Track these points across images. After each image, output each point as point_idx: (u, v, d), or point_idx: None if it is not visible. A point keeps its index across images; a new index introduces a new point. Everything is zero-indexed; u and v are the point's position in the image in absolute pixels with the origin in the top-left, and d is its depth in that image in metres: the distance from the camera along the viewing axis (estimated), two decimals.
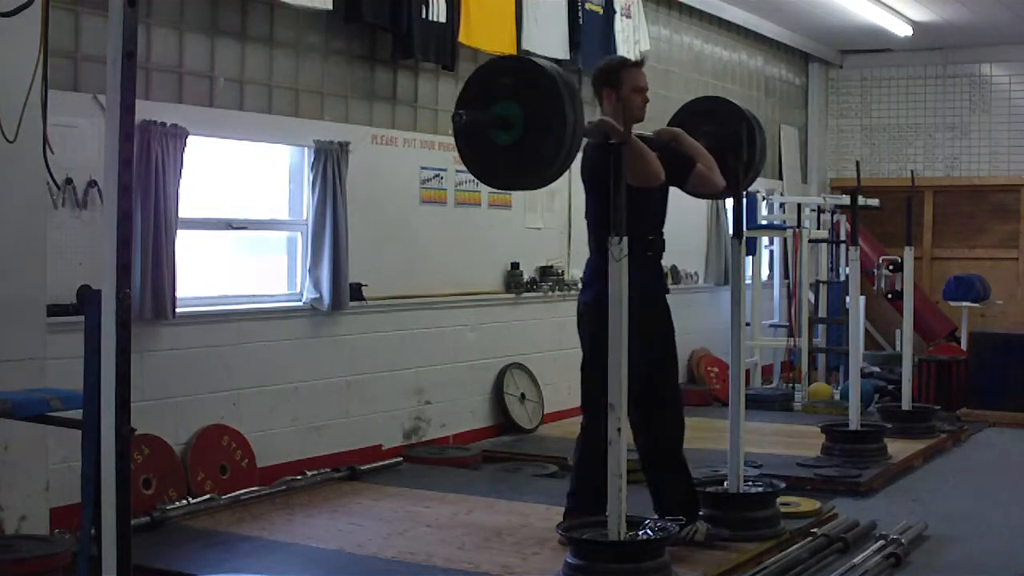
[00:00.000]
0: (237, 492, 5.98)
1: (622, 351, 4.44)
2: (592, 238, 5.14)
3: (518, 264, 8.47)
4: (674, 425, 5.25)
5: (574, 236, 9.03)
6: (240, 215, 6.61)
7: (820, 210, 11.06)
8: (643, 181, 4.87)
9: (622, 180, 4.47)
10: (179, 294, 5.88)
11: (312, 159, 6.73)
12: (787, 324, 10.72)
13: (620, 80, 5.08)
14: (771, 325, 11.32)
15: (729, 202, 9.54)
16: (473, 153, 4.62)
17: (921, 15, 11.30)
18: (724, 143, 5.25)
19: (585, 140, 4.82)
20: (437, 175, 7.75)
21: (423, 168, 7.65)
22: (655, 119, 5.51)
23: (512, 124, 4.43)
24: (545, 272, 8.74)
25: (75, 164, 5.43)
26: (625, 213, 4.60)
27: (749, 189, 6.54)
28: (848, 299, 8.43)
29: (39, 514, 4.96)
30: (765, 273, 11.53)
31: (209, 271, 6.47)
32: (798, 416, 9.26)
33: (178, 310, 5.87)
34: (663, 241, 5.21)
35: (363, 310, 7.05)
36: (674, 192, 5.27)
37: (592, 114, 4.82)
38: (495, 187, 4.87)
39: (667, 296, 5.28)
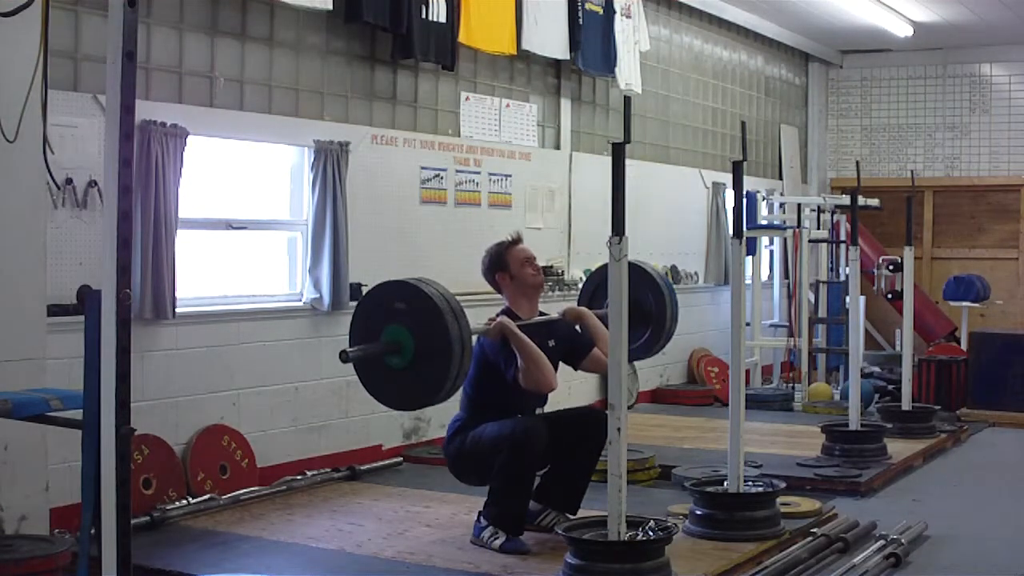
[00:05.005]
0: (237, 492, 5.99)
1: (621, 350, 4.45)
2: (466, 402, 5.28)
3: None
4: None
5: (574, 236, 9.03)
6: (240, 215, 6.60)
7: (820, 210, 11.05)
8: (535, 388, 5.08)
9: (622, 179, 4.47)
10: (179, 294, 5.88)
11: (312, 159, 6.73)
12: (787, 324, 10.71)
13: (507, 261, 5.34)
14: (771, 325, 11.31)
15: (729, 202, 9.56)
16: (372, 380, 4.76)
17: (921, 15, 11.30)
18: (636, 309, 5.35)
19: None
20: (437, 175, 7.75)
21: (423, 168, 7.65)
22: (656, 118, 5.52)
23: (403, 348, 4.56)
24: (545, 272, 8.67)
25: (75, 164, 5.43)
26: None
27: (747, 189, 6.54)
28: (848, 299, 8.42)
29: (39, 514, 4.96)
30: (765, 273, 11.53)
31: (209, 271, 6.47)
32: (798, 416, 9.25)
33: (178, 310, 5.87)
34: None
35: None
36: (674, 191, 5.27)
37: None
38: (397, 409, 5.28)
39: None
